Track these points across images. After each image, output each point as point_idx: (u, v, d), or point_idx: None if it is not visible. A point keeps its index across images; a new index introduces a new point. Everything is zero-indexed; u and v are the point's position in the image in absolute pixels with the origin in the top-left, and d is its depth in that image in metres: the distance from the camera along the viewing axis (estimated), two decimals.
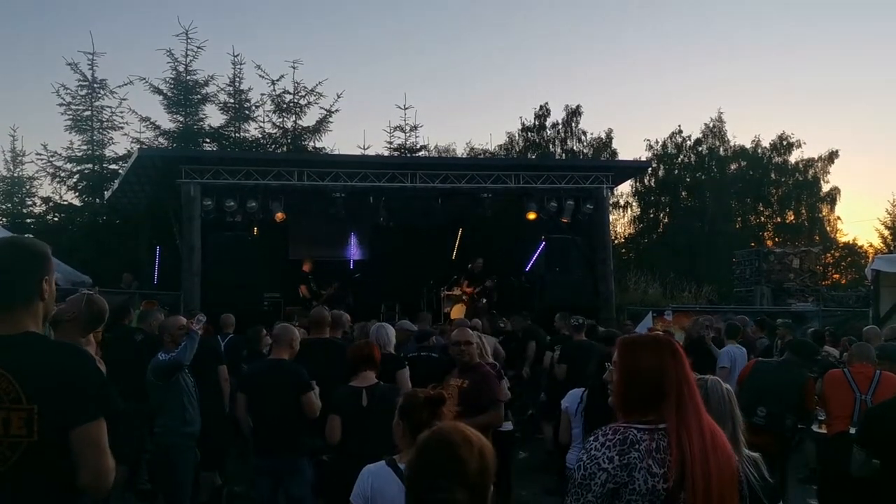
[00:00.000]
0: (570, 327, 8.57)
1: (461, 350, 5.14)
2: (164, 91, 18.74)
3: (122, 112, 18.48)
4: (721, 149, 32.29)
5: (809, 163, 31.90)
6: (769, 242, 28.87)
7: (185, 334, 5.44)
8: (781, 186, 32.05)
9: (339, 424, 4.49)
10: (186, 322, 5.69)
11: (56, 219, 18.64)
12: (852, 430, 5.09)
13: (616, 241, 27.65)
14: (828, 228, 32.54)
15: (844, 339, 8.75)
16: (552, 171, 13.59)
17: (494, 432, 5.49)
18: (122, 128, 18.68)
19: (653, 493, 2.05)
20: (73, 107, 18.17)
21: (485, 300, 13.72)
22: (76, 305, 3.59)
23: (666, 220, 32.20)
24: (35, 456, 2.12)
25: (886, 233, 31.07)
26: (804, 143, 31.91)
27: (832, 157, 31.83)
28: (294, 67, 19.75)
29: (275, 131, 20.11)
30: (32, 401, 2.11)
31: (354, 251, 16.41)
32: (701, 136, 32.28)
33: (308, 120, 20.33)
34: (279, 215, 12.69)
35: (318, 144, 20.29)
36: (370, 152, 20.10)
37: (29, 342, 2.22)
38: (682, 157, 32.49)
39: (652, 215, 32.59)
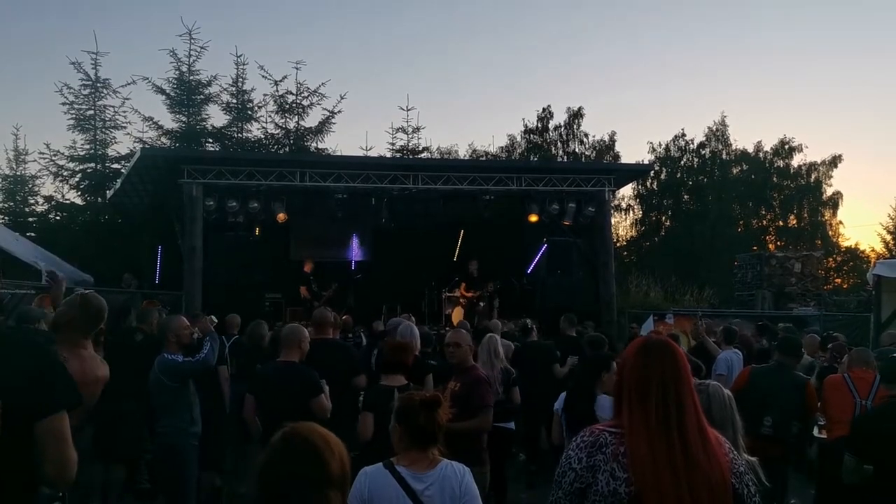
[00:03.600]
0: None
1: (450, 352, 5.31)
2: (167, 91, 18.81)
3: (124, 111, 18.61)
4: (724, 152, 32.27)
5: (812, 167, 31.88)
6: (771, 246, 28.84)
7: (191, 335, 5.46)
8: (784, 190, 32.02)
9: (372, 422, 4.54)
10: (200, 324, 5.63)
11: (58, 218, 18.68)
12: None
13: (618, 244, 27.64)
14: (830, 233, 32.49)
15: (831, 347, 8.73)
16: (554, 173, 13.60)
17: (495, 429, 5.55)
18: (124, 127, 18.82)
19: (614, 495, 2.07)
20: (76, 106, 18.28)
21: (482, 304, 13.70)
22: (72, 307, 3.58)
23: (668, 223, 32.19)
24: (1, 450, 2.15)
25: (888, 237, 31.02)
26: (807, 147, 31.94)
27: (835, 161, 31.82)
28: (297, 68, 19.80)
29: (277, 132, 20.17)
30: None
31: (356, 252, 16.40)
32: (704, 139, 32.30)
33: (310, 121, 20.41)
34: (281, 216, 12.71)
35: (320, 145, 20.36)
36: (372, 153, 20.21)
37: None
38: (684, 160, 32.47)
39: (654, 218, 32.57)
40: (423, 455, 2.89)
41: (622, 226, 32.36)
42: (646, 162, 29.51)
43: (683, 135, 32.37)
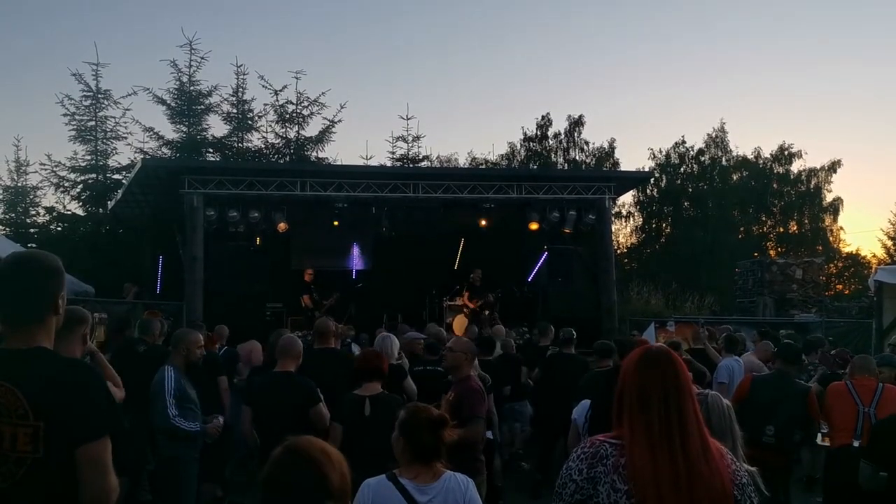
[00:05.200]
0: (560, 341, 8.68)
1: (444, 355, 5.43)
2: (168, 101, 18.83)
3: (125, 122, 18.62)
4: (724, 159, 32.33)
5: (812, 173, 31.92)
6: (772, 253, 28.83)
7: (201, 354, 5.52)
8: (784, 196, 32.05)
9: (341, 433, 4.52)
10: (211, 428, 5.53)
11: (59, 228, 18.69)
12: (856, 443, 5.07)
13: (618, 252, 27.63)
14: (830, 239, 32.50)
15: (834, 354, 8.71)
16: (554, 181, 13.60)
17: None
18: (125, 138, 18.82)
19: None
20: (77, 117, 18.29)
21: (487, 312, 13.70)
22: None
23: (668, 230, 32.19)
24: (40, 473, 2.11)
25: (889, 243, 31.01)
26: (806, 154, 31.99)
27: (834, 167, 31.87)
28: (297, 78, 19.81)
29: (278, 141, 20.18)
30: (39, 417, 2.11)
31: (357, 261, 16.40)
32: (704, 146, 32.35)
33: (311, 130, 20.42)
34: (282, 225, 12.71)
35: (320, 155, 20.36)
36: (373, 162, 20.21)
37: (38, 357, 2.22)
38: (684, 167, 32.52)
39: (654, 225, 32.59)
40: (427, 468, 2.89)
41: (623, 233, 32.41)
42: (646, 169, 29.58)
43: (683, 142, 32.49)
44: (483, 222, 13.94)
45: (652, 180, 30.94)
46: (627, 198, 30.85)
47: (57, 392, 2.15)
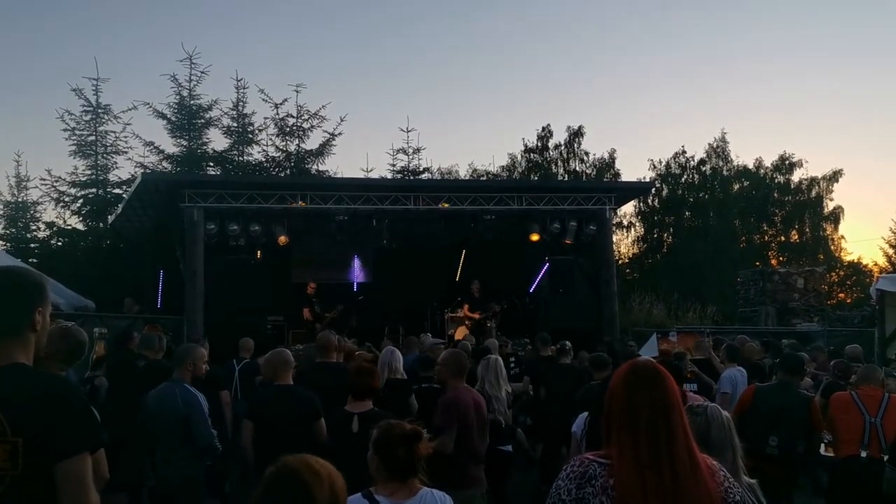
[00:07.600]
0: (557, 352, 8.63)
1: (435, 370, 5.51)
2: (168, 115, 18.90)
3: (126, 137, 18.66)
4: (724, 168, 32.33)
5: (813, 182, 31.92)
6: (773, 262, 28.76)
7: (205, 369, 5.49)
8: (785, 206, 32.04)
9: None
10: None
11: (60, 243, 18.70)
12: (863, 454, 5.02)
13: (620, 262, 27.55)
14: (832, 248, 32.45)
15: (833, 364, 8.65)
16: (555, 192, 13.61)
17: (493, 452, 5.51)
18: (126, 152, 18.86)
19: None
20: (77, 132, 18.34)
21: (489, 324, 13.67)
22: (52, 340, 3.50)
23: (670, 240, 32.14)
24: (19, 489, 2.08)
25: (891, 251, 30.96)
26: (806, 163, 31.98)
27: (836, 176, 31.85)
28: (297, 91, 19.88)
29: (278, 155, 20.22)
30: (17, 433, 2.08)
31: (358, 273, 16.40)
32: (704, 155, 32.37)
33: (311, 143, 20.47)
34: (282, 238, 12.71)
35: (321, 167, 20.40)
36: (373, 175, 20.20)
37: (16, 374, 2.18)
38: (685, 176, 32.53)
39: (656, 235, 32.54)
40: (403, 484, 2.85)
41: (624, 243, 32.31)
42: (646, 179, 29.58)
43: (684, 152, 32.48)
44: (483, 234, 13.95)
45: (653, 190, 30.92)
46: (628, 208, 30.84)
47: (36, 408, 2.11)
